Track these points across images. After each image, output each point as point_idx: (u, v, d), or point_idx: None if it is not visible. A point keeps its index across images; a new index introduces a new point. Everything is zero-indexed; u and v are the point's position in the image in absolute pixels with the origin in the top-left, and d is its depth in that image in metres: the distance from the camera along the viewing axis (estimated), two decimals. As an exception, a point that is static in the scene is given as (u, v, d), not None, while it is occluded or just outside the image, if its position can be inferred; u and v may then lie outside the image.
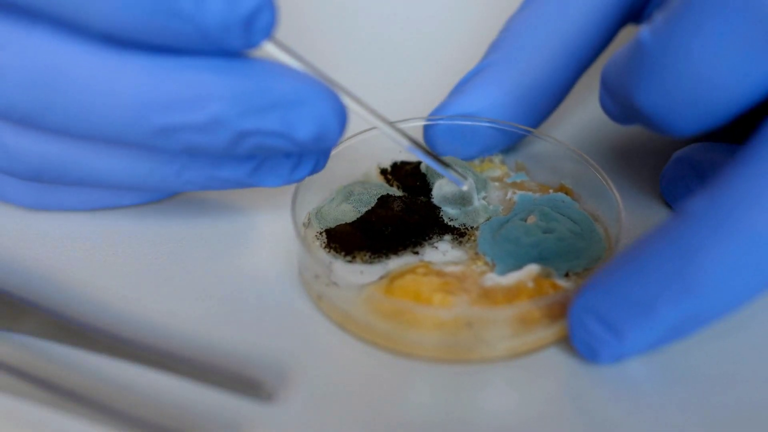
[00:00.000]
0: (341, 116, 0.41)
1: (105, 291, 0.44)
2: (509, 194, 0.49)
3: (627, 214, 0.46)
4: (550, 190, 0.49)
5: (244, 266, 0.46)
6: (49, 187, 0.46)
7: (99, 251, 0.46)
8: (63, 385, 0.39)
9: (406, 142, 0.44)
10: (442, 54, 0.62)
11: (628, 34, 0.54)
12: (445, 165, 0.45)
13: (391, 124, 0.44)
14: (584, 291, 0.40)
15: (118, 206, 0.48)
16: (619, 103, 0.43)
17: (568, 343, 0.41)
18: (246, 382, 0.38)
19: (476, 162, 0.51)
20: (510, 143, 0.51)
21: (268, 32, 0.39)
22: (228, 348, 0.42)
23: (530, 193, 0.49)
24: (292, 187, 0.46)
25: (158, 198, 0.48)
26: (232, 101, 0.39)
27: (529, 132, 0.50)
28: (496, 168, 0.51)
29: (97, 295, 0.44)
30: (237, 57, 0.39)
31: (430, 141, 0.51)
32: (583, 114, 0.56)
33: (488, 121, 0.50)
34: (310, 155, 0.44)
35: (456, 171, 0.45)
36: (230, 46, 0.38)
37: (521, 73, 0.50)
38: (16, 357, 0.41)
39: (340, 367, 0.42)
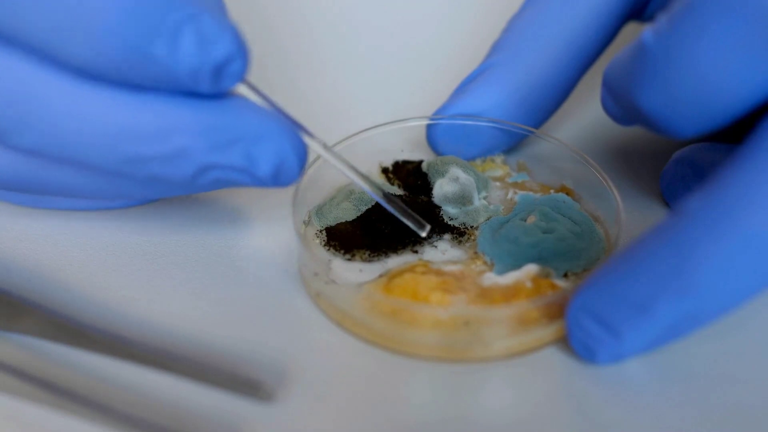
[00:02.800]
0: (301, 154, 0.42)
1: (105, 291, 0.44)
2: (510, 194, 0.49)
3: (627, 214, 0.46)
4: (552, 191, 0.49)
5: (244, 266, 0.46)
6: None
7: (99, 251, 0.46)
8: (63, 385, 0.39)
9: (369, 189, 0.44)
10: (445, 54, 0.62)
11: (630, 31, 0.54)
12: (408, 212, 0.45)
13: (361, 174, 0.44)
14: (581, 291, 0.40)
15: (109, 209, 0.48)
16: (621, 105, 0.43)
17: (566, 342, 0.41)
18: (245, 382, 0.38)
19: (478, 162, 0.51)
20: (512, 143, 0.51)
21: (238, 79, 0.39)
22: (228, 347, 0.42)
23: (531, 193, 0.49)
24: (292, 186, 0.46)
25: (147, 201, 0.48)
26: (197, 135, 0.40)
27: (531, 132, 0.50)
28: (498, 168, 0.51)
29: (97, 295, 0.44)
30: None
31: (433, 141, 0.51)
32: (585, 114, 0.56)
33: (490, 121, 0.50)
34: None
35: (417, 218, 0.45)
36: (199, 90, 0.39)
37: (524, 73, 0.50)
38: (16, 357, 0.41)
39: (339, 367, 0.42)
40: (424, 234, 0.45)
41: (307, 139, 0.43)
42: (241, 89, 0.41)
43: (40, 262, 0.46)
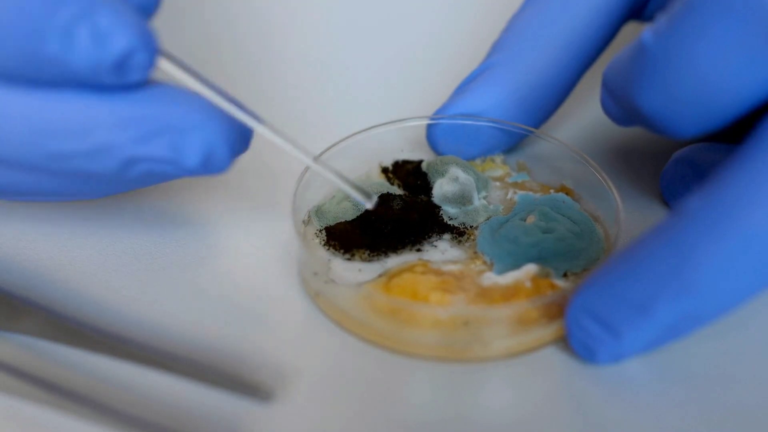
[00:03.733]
0: (232, 142, 0.41)
1: (105, 291, 0.44)
2: (510, 194, 0.49)
3: (627, 214, 0.46)
4: (551, 191, 0.49)
5: (244, 265, 0.46)
6: None
7: (99, 251, 0.46)
8: (63, 385, 0.39)
9: (307, 159, 0.44)
10: (445, 53, 0.62)
11: (630, 31, 0.54)
12: (353, 185, 0.44)
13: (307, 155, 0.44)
14: (581, 291, 0.40)
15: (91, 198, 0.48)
16: (620, 105, 0.43)
17: (565, 342, 0.41)
18: (245, 382, 0.39)
19: (478, 162, 0.51)
20: (512, 143, 0.51)
21: (145, 70, 0.39)
22: (227, 348, 0.42)
23: (531, 193, 0.49)
24: (292, 185, 0.46)
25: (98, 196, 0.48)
26: (118, 129, 0.39)
27: (531, 132, 0.50)
28: (498, 168, 0.51)
29: (97, 295, 0.44)
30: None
31: (433, 140, 0.51)
32: (585, 114, 0.56)
33: (490, 121, 0.50)
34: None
35: (362, 192, 0.44)
36: (105, 84, 0.38)
37: (524, 73, 0.50)
38: (16, 357, 0.41)
39: (339, 367, 0.42)
40: (369, 206, 0.44)
41: (251, 122, 0.42)
42: (168, 68, 0.40)
43: (40, 262, 0.46)
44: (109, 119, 0.39)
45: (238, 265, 0.46)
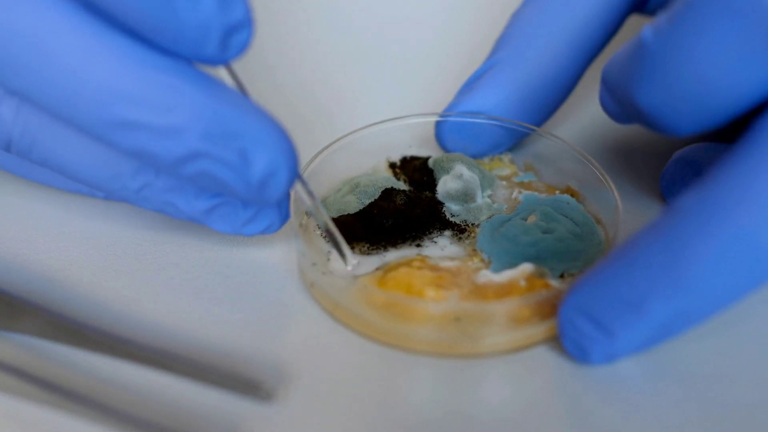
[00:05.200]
0: (292, 170, 0.40)
1: (105, 291, 0.44)
2: (515, 193, 0.49)
3: (627, 215, 0.46)
4: (557, 192, 0.49)
5: (245, 266, 0.46)
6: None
7: (99, 251, 0.46)
8: (63, 385, 0.39)
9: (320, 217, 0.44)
10: (449, 50, 0.62)
11: (633, 26, 0.54)
12: (337, 242, 0.44)
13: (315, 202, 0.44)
14: (574, 290, 0.40)
15: (91, 196, 0.47)
16: (619, 102, 0.44)
17: (558, 342, 0.41)
18: (245, 382, 0.39)
19: (486, 160, 0.51)
20: (517, 140, 0.51)
21: (242, 50, 0.38)
22: (227, 347, 0.42)
23: (536, 193, 0.49)
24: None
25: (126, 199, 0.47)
26: (198, 116, 0.38)
27: (533, 130, 0.50)
28: (505, 167, 0.51)
29: (97, 295, 0.44)
30: (211, 76, 0.39)
31: (441, 137, 0.51)
32: (588, 114, 0.56)
33: (498, 120, 0.50)
34: (266, 212, 0.44)
35: (344, 251, 0.44)
36: (203, 54, 0.38)
37: (529, 70, 0.50)
38: (16, 357, 0.41)
39: (338, 365, 0.42)
40: (349, 267, 0.44)
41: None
42: (225, 77, 0.40)
43: (40, 262, 0.46)
44: (191, 103, 0.38)
45: (239, 264, 0.46)
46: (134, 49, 0.38)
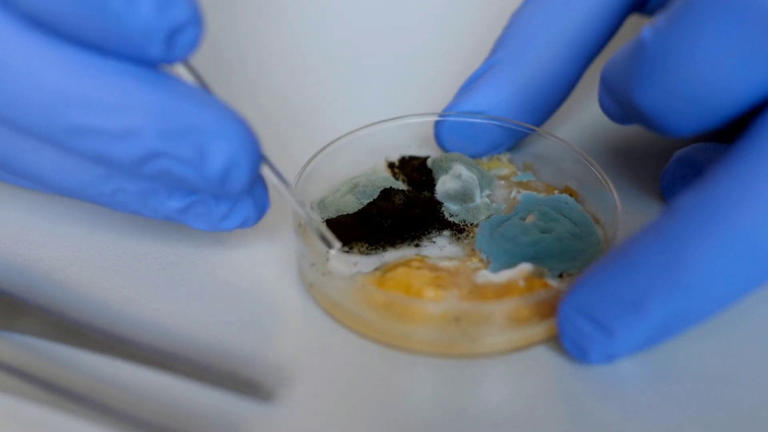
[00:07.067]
0: (254, 162, 0.40)
1: (105, 291, 0.44)
2: (514, 193, 0.49)
3: (627, 215, 0.46)
4: (555, 191, 0.49)
5: (245, 266, 0.46)
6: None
7: (99, 251, 0.46)
8: (63, 385, 0.39)
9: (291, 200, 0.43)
10: (449, 50, 0.62)
11: (632, 26, 0.54)
12: (318, 228, 0.44)
13: (286, 184, 0.43)
14: (573, 290, 0.40)
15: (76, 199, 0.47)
16: (618, 103, 0.44)
17: (557, 341, 0.41)
18: (245, 382, 0.39)
19: (484, 160, 0.51)
20: (517, 140, 0.51)
21: (190, 49, 0.38)
22: (227, 347, 0.42)
23: (534, 193, 0.49)
24: (294, 177, 0.46)
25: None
26: (151, 116, 0.38)
27: (532, 130, 0.50)
28: (504, 166, 0.51)
29: (97, 295, 0.44)
30: (161, 72, 0.39)
31: (440, 137, 0.51)
32: (587, 114, 0.56)
33: (497, 120, 0.50)
34: (241, 206, 0.43)
35: (327, 236, 0.44)
36: (149, 55, 0.38)
37: (529, 70, 0.50)
38: (16, 357, 0.41)
39: (338, 365, 0.42)
40: (333, 251, 0.44)
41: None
42: (183, 73, 0.40)
43: (40, 262, 0.46)
44: (144, 103, 0.38)
45: (239, 264, 0.46)
46: (82, 55, 0.38)
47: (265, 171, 0.42)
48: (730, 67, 0.38)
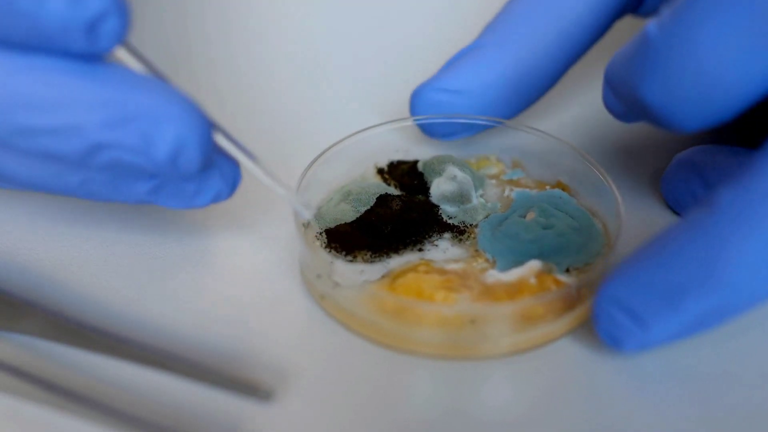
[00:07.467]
0: (201, 138, 0.40)
1: (105, 291, 0.44)
2: (507, 191, 0.49)
3: (624, 207, 0.46)
4: (547, 187, 0.49)
5: (244, 266, 0.46)
6: None
7: (99, 251, 0.46)
8: (63, 385, 0.39)
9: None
10: (436, 53, 0.62)
11: (627, 27, 0.54)
12: (291, 200, 0.44)
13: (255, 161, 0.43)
14: (610, 281, 0.39)
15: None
16: (623, 100, 0.43)
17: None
18: (245, 383, 0.39)
19: (473, 160, 0.51)
20: (483, 129, 0.51)
21: (116, 38, 0.38)
22: (227, 347, 0.42)
23: (527, 190, 0.49)
24: (292, 185, 0.46)
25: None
26: (89, 108, 0.38)
27: (524, 127, 0.50)
28: (493, 165, 0.51)
29: (97, 295, 0.44)
30: (100, 63, 0.39)
31: (414, 107, 0.51)
32: (580, 109, 0.56)
33: (483, 119, 0.50)
34: (209, 182, 0.43)
35: (299, 208, 0.44)
36: (74, 49, 0.38)
37: (513, 55, 0.50)
38: (16, 357, 0.41)
39: (339, 366, 0.42)
40: (308, 217, 0.44)
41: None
42: (124, 57, 0.40)
43: (40, 262, 0.46)
44: (80, 97, 0.38)
45: (238, 265, 0.46)
46: (17, 57, 0.38)
47: (232, 148, 0.42)
48: (737, 58, 0.38)
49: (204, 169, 0.42)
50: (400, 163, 0.50)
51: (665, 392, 0.40)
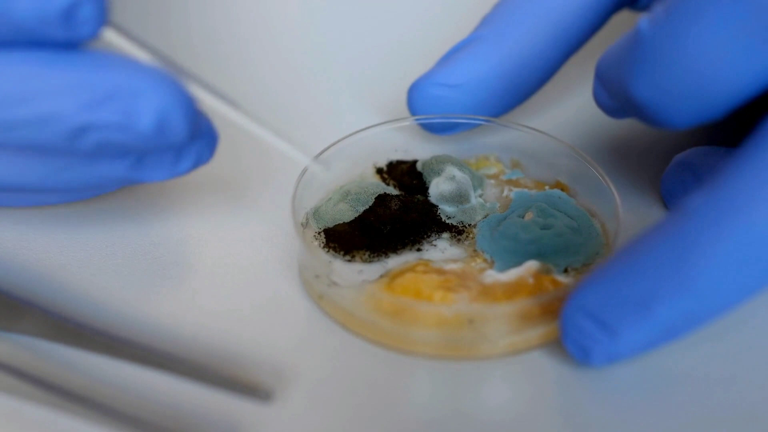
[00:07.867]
0: (185, 106, 0.39)
1: (105, 291, 0.44)
2: (505, 191, 0.49)
3: (623, 208, 0.46)
4: (546, 187, 0.49)
5: (243, 266, 0.46)
6: None
7: (99, 251, 0.46)
8: (63, 385, 0.39)
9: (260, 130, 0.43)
10: (435, 53, 0.62)
11: (624, 21, 0.54)
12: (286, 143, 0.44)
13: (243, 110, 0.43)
14: (578, 291, 0.39)
15: (46, 204, 0.47)
16: (613, 96, 0.43)
17: (559, 343, 0.41)
18: (244, 383, 0.39)
19: (472, 160, 0.51)
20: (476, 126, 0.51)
21: (96, 23, 0.38)
22: (227, 348, 0.42)
23: (526, 190, 0.49)
24: (290, 187, 0.46)
25: (88, 196, 0.47)
26: (65, 94, 0.38)
27: (521, 127, 0.50)
28: (492, 165, 0.51)
29: (97, 295, 0.44)
30: (71, 49, 0.39)
31: (412, 104, 0.51)
32: (580, 109, 0.56)
33: (480, 119, 0.50)
34: (189, 147, 0.43)
35: (294, 152, 0.44)
36: (54, 39, 0.38)
37: (509, 48, 0.50)
38: (16, 357, 0.41)
39: (339, 367, 0.42)
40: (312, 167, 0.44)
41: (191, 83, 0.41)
42: (114, 38, 0.40)
43: (40, 262, 0.46)
44: (55, 84, 0.38)
45: (238, 265, 0.46)
46: None
47: (216, 103, 0.42)
48: (727, 56, 0.38)
49: (193, 137, 0.42)
50: (399, 162, 0.50)
51: (658, 396, 0.40)
